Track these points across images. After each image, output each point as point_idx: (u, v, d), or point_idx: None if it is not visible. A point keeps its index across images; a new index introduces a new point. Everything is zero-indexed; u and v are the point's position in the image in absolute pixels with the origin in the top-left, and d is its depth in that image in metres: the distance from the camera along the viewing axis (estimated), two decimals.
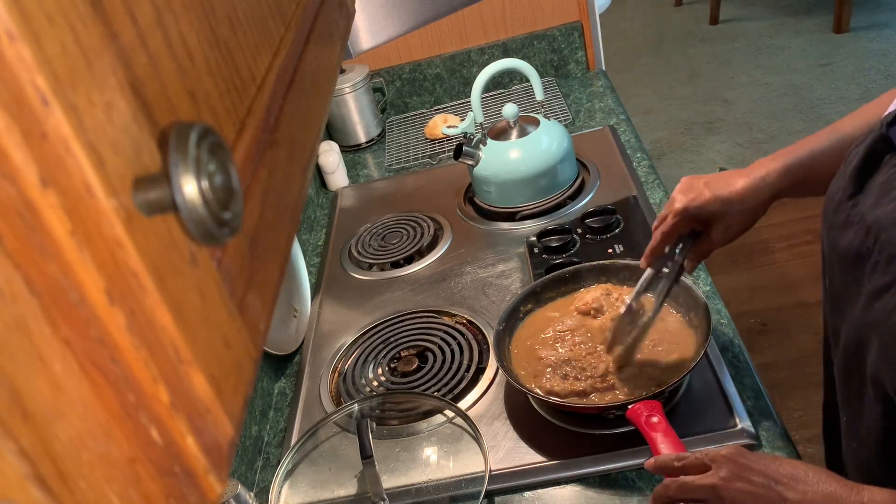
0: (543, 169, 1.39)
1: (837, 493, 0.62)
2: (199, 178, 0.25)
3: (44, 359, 0.21)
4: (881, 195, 0.66)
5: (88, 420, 0.23)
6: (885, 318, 0.62)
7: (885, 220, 0.64)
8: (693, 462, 0.71)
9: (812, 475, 0.64)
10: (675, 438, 0.83)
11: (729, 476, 0.66)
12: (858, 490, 0.62)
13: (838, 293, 0.74)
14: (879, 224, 0.64)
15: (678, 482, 0.70)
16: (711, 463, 0.69)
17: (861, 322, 0.68)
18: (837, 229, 0.72)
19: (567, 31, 1.88)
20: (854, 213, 0.69)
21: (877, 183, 0.67)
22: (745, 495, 0.65)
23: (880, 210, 0.65)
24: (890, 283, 0.62)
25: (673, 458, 0.74)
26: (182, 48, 0.31)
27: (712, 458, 0.69)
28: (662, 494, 0.72)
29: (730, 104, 3.65)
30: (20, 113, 0.20)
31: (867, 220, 0.66)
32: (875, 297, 0.64)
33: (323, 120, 0.54)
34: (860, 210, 0.68)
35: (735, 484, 0.66)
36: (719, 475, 0.67)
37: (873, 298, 0.64)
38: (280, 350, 1.23)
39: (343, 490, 0.99)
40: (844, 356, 0.74)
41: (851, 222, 0.69)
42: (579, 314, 1.06)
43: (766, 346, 2.35)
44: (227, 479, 0.27)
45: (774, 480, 0.65)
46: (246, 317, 0.32)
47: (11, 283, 0.20)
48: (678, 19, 4.73)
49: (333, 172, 1.73)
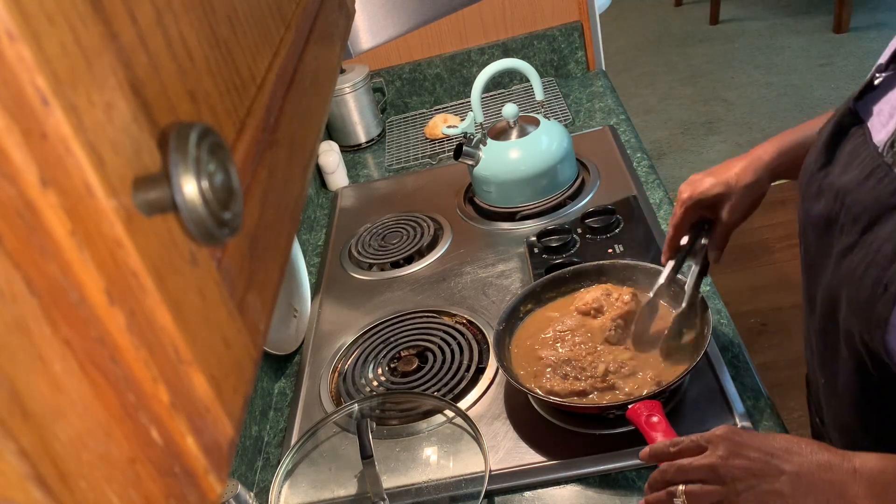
0: (543, 169, 1.39)
1: (830, 461, 0.65)
2: (199, 178, 0.25)
3: (44, 359, 0.21)
4: (847, 163, 0.71)
5: (88, 420, 0.23)
6: (850, 274, 0.67)
7: (850, 185, 0.69)
8: (688, 445, 0.73)
9: (805, 447, 0.67)
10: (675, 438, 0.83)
11: (726, 454, 0.68)
12: (850, 457, 0.65)
13: (813, 260, 0.78)
14: (845, 189, 0.69)
15: (675, 465, 0.72)
16: (707, 444, 0.71)
17: (832, 283, 0.72)
18: (811, 199, 0.76)
19: (567, 31, 1.88)
20: (825, 182, 0.73)
21: (845, 152, 0.72)
22: (743, 471, 0.67)
23: (846, 177, 0.70)
24: (854, 242, 0.67)
25: (668, 445, 0.75)
26: (182, 48, 0.31)
27: (707, 439, 0.71)
28: (659, 480, 0.73)
29: (730, 104, 3.65)
30: (20, 113, 0.20)
31: (835, 187, 0.71)
32: (842, 256, 0.69)
33: (323, 120, 0.54)
34: (830, 179, 0.73)
35: (733, 461, 0.68)
36: (717, 454, 0.69)
37: (841, 258, 0.69)
38: (280, 350, 1.23)
39: (343, 490, 0.99)
40: (821, 319, 0.78)
41: (823, 191, 0.74)
42: (579, 314, 1.06)
43: (766, 346, 2.35)
44: (227, 479, 0.27)
45: (770, 454, 0.67)
46: (246, 317, 0.32)
47: (11, 283, 0.20)
48: (678, 19, 4.73)
49: (333, 172, 1.73)
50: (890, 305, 0.62)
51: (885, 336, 0.63)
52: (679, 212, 0.96)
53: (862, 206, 0.67)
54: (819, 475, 0.64)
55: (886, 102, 0.70)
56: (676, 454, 0.73)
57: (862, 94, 0.73)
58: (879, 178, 0.65)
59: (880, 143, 0.68)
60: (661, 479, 0.73)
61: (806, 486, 0.64)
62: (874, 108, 0.71)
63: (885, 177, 0.65)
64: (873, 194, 0.66)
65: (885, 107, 0.70)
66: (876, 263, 0.64)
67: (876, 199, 0.65)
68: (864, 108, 0.73)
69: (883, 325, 0.63)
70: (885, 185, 0.65)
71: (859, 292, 0.66)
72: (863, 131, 0.71)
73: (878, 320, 0.63)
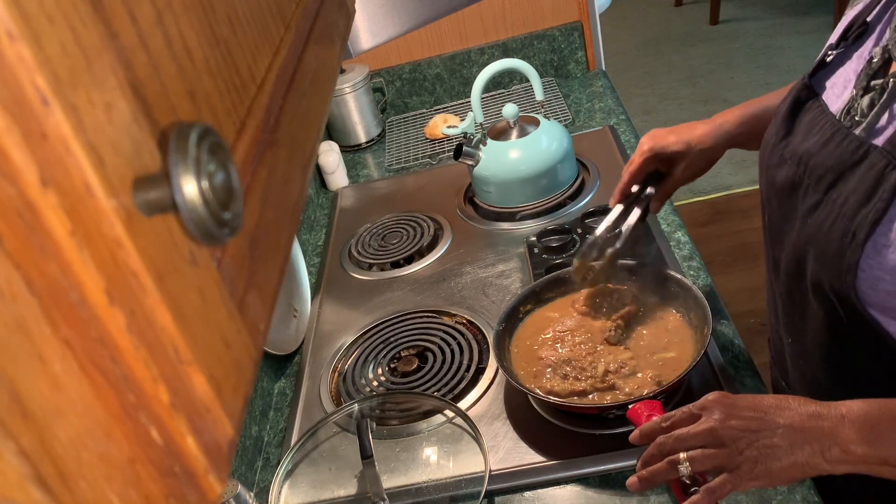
0: (543, 169, 1.39)
1: (818, 411, 0.68)
2: (199, 178, 0.25)
3: (44, 359, 0.21)
4: (808, 132, 0.77)
5: (88, 420, 0.23)
6: (817, 230, 0.72)
7: (813, 149, 0.74)
8: (681, 416, 0.74)
9: (793, 401, 0.70)
10: None
11: (722, 417, 0.71)
12: (836, 406, 0.68)
13: (777, 225, 0.83)
14: (808, 153, 0.75)
15: (673, 436, 0.73)
16: (701, 411, 0.73)
17: (798, 242, 0.76)
18: (773, 168, 0.82)
19: (567, 31, 1.88)
20: (787, 151, 0.79)
21: (803, 123, 0.78)
22: (742, 431, 0.69)
23: (808, 142, 0.76)
24: (819, 200, 0.73)
25: (658, 421, 0.76)
26: (182, 48, 0.31)
27: (701, 406, 0.73)
28: (657, 454, 0.74)
29: (730, 104, 3.63)
30: (20, 113, 0.20)
31: (798, 153, 0.77)
32: (808, 214, 0.74)
33: (323, 120, 0.54)
34: (791, 148, 0.79)
35: (730, 422, 0.70)
36: (714, 418, 0.71)
37: (806, 216, 0.74)
38: (280, 350, 1.23)
39: (343, 490, 0.99)
40: (786, 280, 0.82)
41: (784, 160, 0.79)
42: (579, 314, 1.06)
43: (766, 346, 2.34)
44: (227, 479, 0.27)
45: (763, 412, 0.70)
46: (246, 317, 0.32)
47: (11, 283, 0.20)
48: (678, 19, 4.74)
49: (333, 172, 1.73)
50: (858, 251, 0.67)
51: (856, 282, 0.68)
52: (638, 160, 1.03)
53: (825, 166, 0.72)
54: (811, 424, 0.67)
55: (839, 76, 0.77)
56: (670, 427, 0.74)
57: (815, 71, 0.80)
58: (839, 141, 0.72)
59: (837, 112, 0.74)
60: (658, 452, 0.74)
61: (801, 435, 0.67)
62: (827, 83, 0.79)
63: (844, 139, 0.71)
64: (836, 153, 0.71)
65: (837, 80, 0.77)
66: (843, 215, 0.69)
67: (839, 159, 0.71)
68: (818, 84, 0.80)
69: (854, 270, 0.68)
70: (845, 146, 0.71)
71: (829, 245, 0.70)
72: (818, 103, 0.78)
73: (847, 267, 0.68)
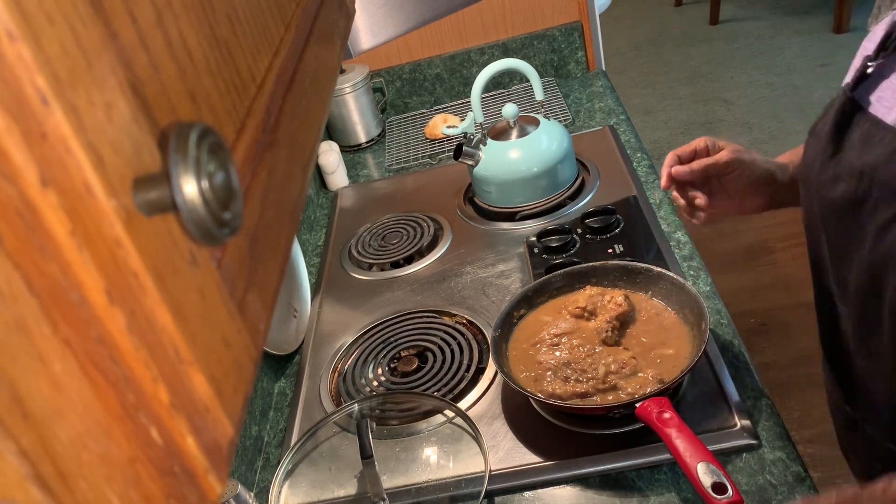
0: (543, 169, 1.39)
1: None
2: (199, 178, 0.25)
3: (44, 359, 0.21)
4: (864, 146, 0.72)
5: (88, 420, 0.23)
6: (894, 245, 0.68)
7: (878, 162, 0.70)
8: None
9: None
10: (689, 433, 0.82)
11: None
12: None
13: (840, 244, 0.78)
14: (871, 167, 0.70)
15: None
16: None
17: (872, 259, 0.72)
18: (826, 186, 0.77)
19: (567, 32, 1.88)
20: (840, 168, 0.75)
21: (855, 138, 0.74)
22: None
23: (868, 156, 0.71)
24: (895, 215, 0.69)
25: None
26: (182, 48, 0.31)
27: None
28: None
29: (730, 104, 3.65)
30: (20, 113, 0.20)
31: (857, 168, 0.72)
32: (884, 230, 0.70)
33: (323, 120, 0.54)
34: (846, 164, 0.74)
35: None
36: None
37: (882, 232, 0.70)
38: (280, 350, 1.23)
39: (343, 490, 0.99)
40: (859, 298, 0.78)
41: (839, 176, 0.75)
42: (572, 317, 1.06)
43: (766, 346, 2.35)
44: (227, 479, 0.27)
45: None
46: (246, 317, 0.32)
47: (11, 283, 0.20)
48: (678, 19, 4.74)
49: (333, 172, 1.73)
50: None
51: None
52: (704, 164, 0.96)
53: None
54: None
55: (886, 88, 0.73)
56: None
57: (855, 84, 0.76)
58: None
59: (894, 123, 0.70)
60: None
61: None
62: (871, 96, 0.74)
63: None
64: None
65: (885, 93, 0.73)
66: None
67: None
68: (861, 97, 0.75)
69: None
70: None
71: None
72: (868, 117, 0.73)
73: None
